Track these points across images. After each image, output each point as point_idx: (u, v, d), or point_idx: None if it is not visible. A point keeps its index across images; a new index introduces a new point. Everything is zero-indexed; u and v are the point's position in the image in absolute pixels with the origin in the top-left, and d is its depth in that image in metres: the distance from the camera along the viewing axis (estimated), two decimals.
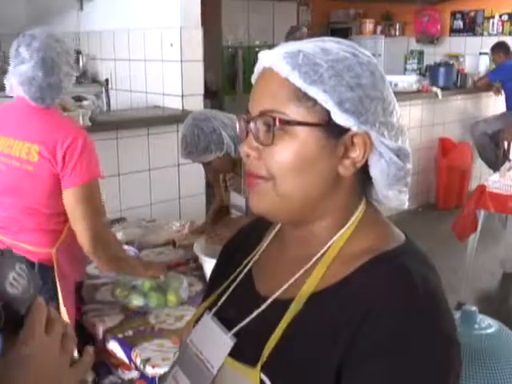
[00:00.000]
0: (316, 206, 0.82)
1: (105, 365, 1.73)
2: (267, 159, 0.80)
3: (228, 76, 7.02)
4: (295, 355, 0.77)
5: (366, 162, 0.81)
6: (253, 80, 0.86)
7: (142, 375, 1.55)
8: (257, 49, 7.31)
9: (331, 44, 0.81)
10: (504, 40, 6.33)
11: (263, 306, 0.84)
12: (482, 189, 3.59)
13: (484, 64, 6.63)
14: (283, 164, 0.79)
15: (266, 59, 0.82)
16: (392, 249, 0.81)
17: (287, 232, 0.90)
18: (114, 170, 3.52)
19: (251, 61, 7.28)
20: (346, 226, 0.83)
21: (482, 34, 7.28)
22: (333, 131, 0.79)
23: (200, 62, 3.85)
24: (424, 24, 7.68)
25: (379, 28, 8.20)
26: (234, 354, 0.83)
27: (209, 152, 2.13)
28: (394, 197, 0.85)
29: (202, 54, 3.86)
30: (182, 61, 3.77)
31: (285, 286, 0.84)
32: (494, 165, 5.68)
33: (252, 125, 0.81)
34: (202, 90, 3.90)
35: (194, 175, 3.92)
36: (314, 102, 0.78)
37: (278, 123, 0.78)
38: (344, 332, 0.74)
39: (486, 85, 6.14)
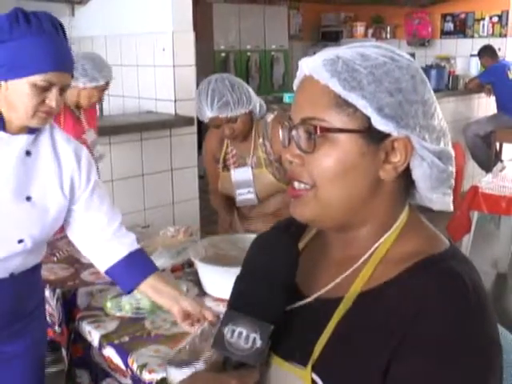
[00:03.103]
0: (358, 211, 0.83)
1: (102, 368, 1.72)
2: (309, 166, 0.82)
3: None
4: (345, 355, 0.78)
5: (408, 166, 0.82)
6: (294, 87, 0.87)
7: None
8: (248, 53, 7.33)
9: (370, 49, 0.81)
10: (489, 43, 6.38)
11: (302, 302, 0.86)
12: (475, 190, 3.61)
13: (475, 66, 6.68)
14: (325, 171, 0.80)
15: (307, 66, 0.83)
16: (440, 252, 0.82)
17: (329, 235, 0.91)
18: (107, 176, 3.51)
19: (243, 64, 7.30)
20: (392, 230, 0.84)
21: (472, 36, 7.32)
22: (373, 137, 0.79)
23: (192, 66, 3.85)
24: (415, 27, 7.73)
25: (370, 31, 8.24)
26: (283, 353, 0.84)
27: (241, 104, 2.16)
28: (438, 200, 0.86)
29: (194, 59, 3.86)
30: (174, 66, 3.76)
31: (331, 285, 0.85)
32: (487, 165, 5.71)
33: (294, 132, 0.82)
34: (194, 95, 3.88)
35: (188, 180, 3.92)
36: (354, 108, 0.79)
37: (318, 131, 0.79)
38: (394, 331, 0.75)
39: (476, 86, 6.18)
